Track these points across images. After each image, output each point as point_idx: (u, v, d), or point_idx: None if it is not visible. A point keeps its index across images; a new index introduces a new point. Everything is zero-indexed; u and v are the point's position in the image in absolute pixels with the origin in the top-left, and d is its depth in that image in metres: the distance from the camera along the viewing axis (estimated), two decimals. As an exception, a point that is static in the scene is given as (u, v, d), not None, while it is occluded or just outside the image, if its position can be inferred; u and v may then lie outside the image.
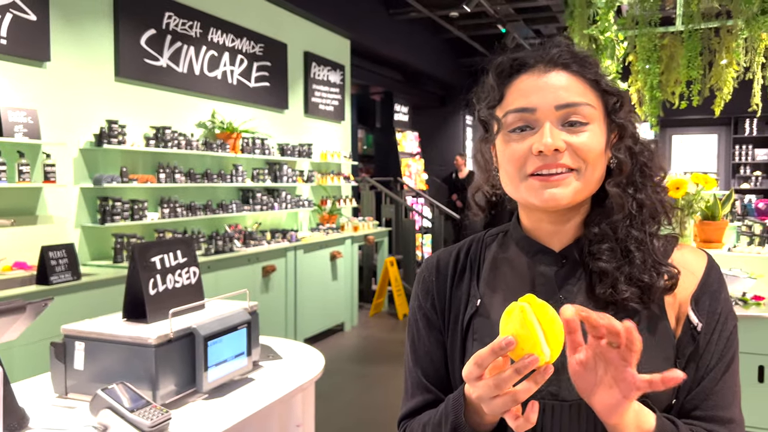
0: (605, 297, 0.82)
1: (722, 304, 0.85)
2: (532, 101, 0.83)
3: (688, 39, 4.34)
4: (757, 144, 10.30)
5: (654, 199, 0.87)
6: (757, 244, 4.16)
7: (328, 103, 6.92)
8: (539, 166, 0.82)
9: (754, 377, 3.28)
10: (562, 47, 0.87)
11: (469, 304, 0.91)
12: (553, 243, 0.90)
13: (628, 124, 0.87)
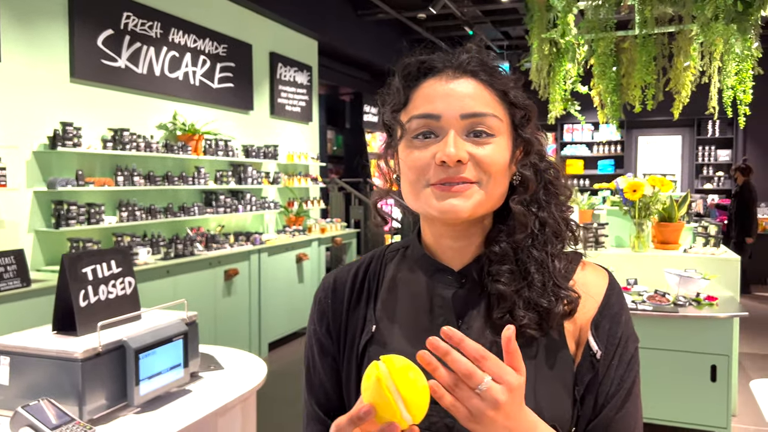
0: (502, 322, 0.77)
1: (622, 328, 0.83)
2: (437, 108, 0.79)
3: (643, 44, 4.40)
4: (720, 145, 10.51)
5: (558, 218, 0.84)
6: (712, 245, 4.23)
7: (294, 104, 6.88)
8: (442, 178, 0.77)
9: (706, 377, 3.34)
10: (473, 54, 0.83)
11: (365, 329, 0.86)
12: (453, 261, 0.85)
13: (534, 140, 0.85)
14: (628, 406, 0.81)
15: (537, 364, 0.78)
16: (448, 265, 0.85)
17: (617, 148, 11.01)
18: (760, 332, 5.91)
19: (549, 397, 0.75)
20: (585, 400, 0.80)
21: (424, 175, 0.78)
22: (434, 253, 0.87)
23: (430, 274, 0.86)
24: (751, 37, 3.87)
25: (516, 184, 0.85)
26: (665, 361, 3.39)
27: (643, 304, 3.43)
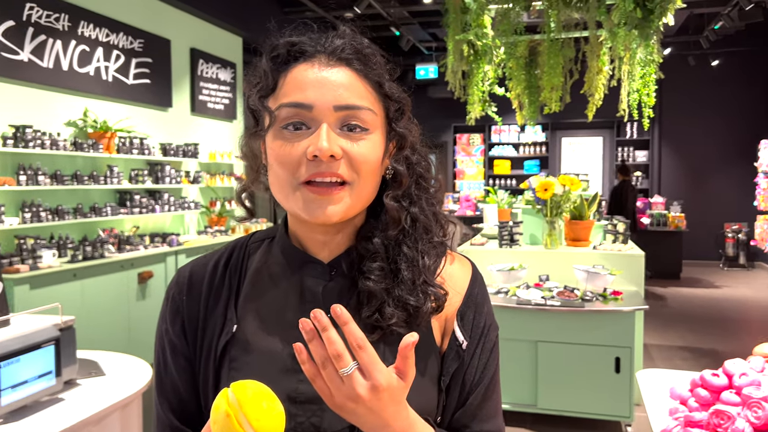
0: (370, 321, 0.77)
1: (485, 317, 0.85)
2: (309, 97, 0.74)
3: (551, 47, 4.54)
4: (638, 146, 11.00)
5: (428, 213, 0.83)
6: (620, 242, 4.41)
7: (217, 101, 6.72)
8: (314, 173, 0.73)
9: (611, 368, 3.47)
10: (347, 39, 0.78)
11: (225, 328, 0.81)
12: (322, 253, 0.82)
13: (408, 134, 0.82)
14: (491, 392, 0.83)
15: None
16: (317, 257, 0.82)
17: (542, 149, 11.34)
18: (669, 324, 6.21)
19: (415, 389, 0.73)
20: (451, 389, 0.81)
21: (294, 173, 0.74)
22: (302, 244, 0.83)
23: (297, 266, 0.82)
24: (653, 43, 4.05)
25: (388, 178, 0.82)
26: (573, 355, 3.50)
27: (552, 300, 3.53)
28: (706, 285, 8.58)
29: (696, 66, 9.71)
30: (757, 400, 1.44)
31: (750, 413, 1.43)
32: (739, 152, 9.95)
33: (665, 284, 8.54)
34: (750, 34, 9.16)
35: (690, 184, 10.54)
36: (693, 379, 1.68)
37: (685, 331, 5.96)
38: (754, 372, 1.59)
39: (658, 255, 8.74)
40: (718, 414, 1.47)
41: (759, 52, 9.82)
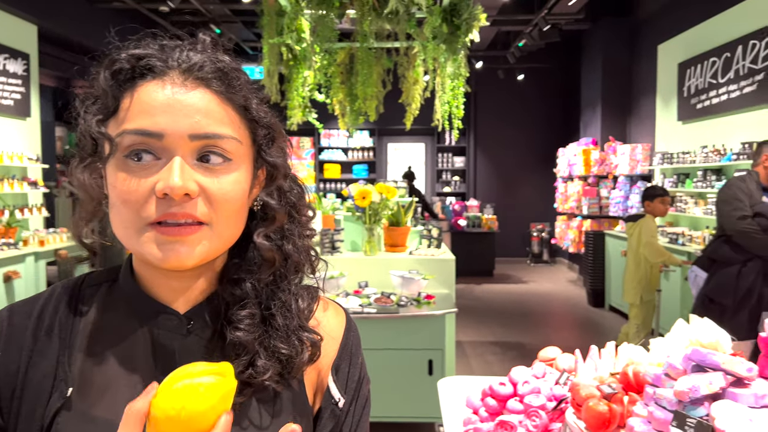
0: (243, 377, 0.67)
1: (359, 369, 0.79)
2: (159, 123, 0.62)
3: (365, 57, 4.62)
4: (456, 152, 11.71)
5: (301, 249, 0.75)
6: (435, 246, 4.60)
7: (6, 96, 5.91)
8: (164, 214, 0.62)
9: (424, 371, 3.59)
10: (207, 55, 0.66)
11: (55, 391, 0.66)
12: (177, 302, 0.70)
13: (281, 162, 0.72)
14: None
15: (272, 421, 0.69)
16: (170, 307, 0.70)
17: (370, 153, 11.60)
18: (482, 320, 6.65)
19: None
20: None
21: (140, 212, 0.63)
22: (152, 291, 0.70)
23: (147, 317, 0.70)
24: (460, 58, 4.27)
25: (256, 210, 0.73)
26: (389, 360, 3.56)
27: (369, 307, 3.56)
28: (515, 281, 9.34)
29: (505, 79, 10.55)
30: (535, 409, 1.51)
31: (530, 422, 1.50)
32: (542, 159, 11.01)
33: (480, 281, 9.16)
34: (549, 52, 10.15)
35: (501, 188, 11.44)
36: (483, 388, 1.74)
37: (496, 327, 6.40)
38: (534, 379, 1.68)
39: (474, 254, 9.36)
40: (502, 424, 1.52)
41: (556, 68, 10.93)
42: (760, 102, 5.41)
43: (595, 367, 1.55)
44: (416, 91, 5.41)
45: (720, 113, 6.06)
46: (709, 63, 6.21)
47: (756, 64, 5.42)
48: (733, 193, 3.39)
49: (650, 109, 7.98)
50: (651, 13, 8.08)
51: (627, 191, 7.87)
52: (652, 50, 7.83)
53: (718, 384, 1.03)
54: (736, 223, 3.31)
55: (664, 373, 1.17)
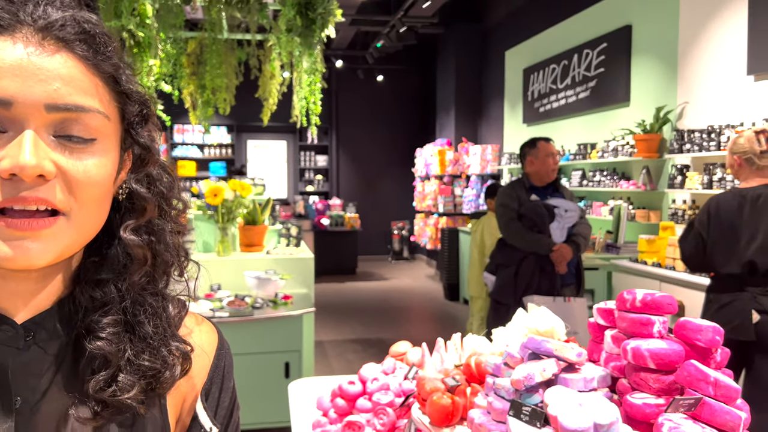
0: (102, 396, 0.57)
1: (231, 393, 0.72)
2: (7, 89, 0.51)
3: (213, 46, 4.42)
4: (318, 151, 11.65)
5: (171, 246, 0.65)
6: (294, 245, 4.49)
7: None
8: (9, 199, 0.52)
9: (280, 373, 3.48)
10: (71, 12, 0.55)
11: None
12: (16, 307, 0.58)
13: (152, 145, 0.63)
14: None
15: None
16: (6, 315, 0.58)
17: (228, 150, 11.19)
18: (343, 319, 6.65)
19: None
20: None
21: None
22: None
23: None
24: (316, 53, 4.20)
25: (121, 200, 0.63)
26: (244, 366, 3.40)
27: (222, 311, 3.38)
28: (377, 278, 9.48)
29: (364, 80, 10.68)
30: (382, 407, 1.48)
31: (377, 421, 1.46)
32: (401, 159, 11.28)
33: (343, 280, 9.17)
34: (407, 54, 10.42)
35: (363, 186, 11.56)
36: (333, 389, 1.69)
37: (356, 324, 6.43)
38: (384, 375, 1.65)
39: (337, 253, 9.35)
40: (350, 425, 1.47)
41: (413, 71, 11.26)
42: (592, 106, 5.92)
43: (441, 360, 1.55)
44: (273, 85, 5.26)
45: (559, 117, 6.56)
46: (550, 69, 6.69)
47: (589, 71, 5.92)
48: (501, 201, 3.67)
49: (499, 112, 8.46)
50: (499, 20, 8.56)
51: (479, 190, 8.28)
52: (500, 56, 8.31)
53: (551, 370, 1.05)
54: (505, 227, 3.58)
55: (504, 362, 1.18)
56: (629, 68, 5.33)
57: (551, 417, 0.98)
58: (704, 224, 2.70)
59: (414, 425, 1.32)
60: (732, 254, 2.63)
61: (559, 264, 3.44)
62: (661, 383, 1.00)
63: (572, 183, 5.96)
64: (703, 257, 2.73)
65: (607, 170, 5.51)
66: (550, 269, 3.46)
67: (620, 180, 5.27)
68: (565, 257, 3.43)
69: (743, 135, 2.72)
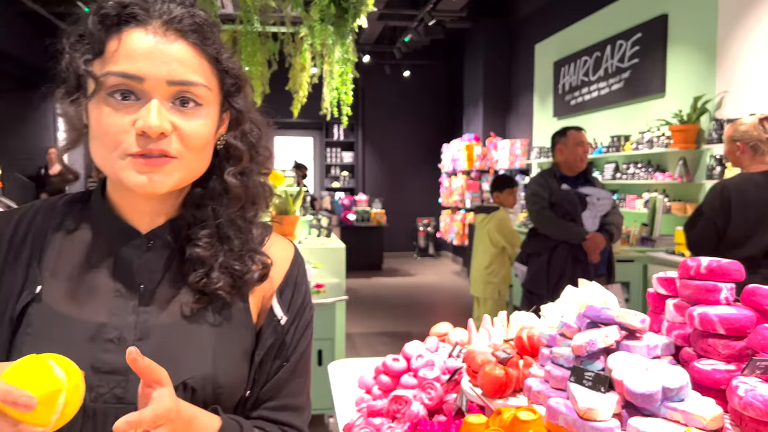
0: (198, 286, 0.78)
1: (303, 296, 0.87)
2: (141, 68, 0.71)
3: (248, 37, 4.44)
4: (345, 147, 11.66)
5: (258, 184, 0.84)
6: (324, 236, 4.50)
7: None
8: (140, 150, 0.71)
9: (314, 361, 3.48)
10: (187, 9, 0.74)
11: (26, 289, 0.76)
12: (141, 222, 0.80)
13: (245, 109, 0.81)
14: (301, 370, 0.86)
15: (218, 330, 0.79)
16: (134, 227, 0.80)
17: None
18: (371, 313, 6.64)
19: (226, 362, 0.78)
20: (263, 363, 0.83)
21: (120, 144, 0.72)
22: (120, 211, 0.80)
23: (112, 234, 0.80)
24: (348, 42, 4.20)
25: (219, 149, 0.82)
26: (277, 352, 3.41)
27: (255, 298, 3.40)
28: (403, 274, 9.46)
29: (391, 75, 10.65)
30: (429, 381, 1.46)
31: (424, 395, 1.44)
32: (428, 154, 11.24)
33: (369, 275, 9.17)
34: (434, 49, 10.38)
35: (389, 183, 11.54)
36: (377, 366, 1.67)
37: (384, 318, 6.41)
38: (428, 353, 1.63)
39: (363, 249, 9.35)
40: (396, 399, 1.46)
41: (440, 65, 11.21)
42: (626, 98, 5.82)
43: (489, 336, 1.52)
44: (304, 78, 5.27)
45: (591, 109, 6.46)
46: (581, 62, 6.60)
47: (623, 62, 5.82)
48: (532, 190, 3.60)
49: (528, 106, 8.37)
50: (528, 14, 8.48)
51: (508, 184, 8.20)
52: (529, 49, 8.22)
53: (613, 337, 1.02)
54: (536, 215, 3.52)
55: (559, 333, 1.15)
56: (665, 58, 5.22)
57: (616, 381, 0.95)
58: (717, 211, 2.70)
59: (465, 397, 1.29)
60: (750, 237, 2.64)
61: (592, 253, 3.38)
62: (731, 349, 0.97)
63: (605, 176, 5.86)
64: (716, 243, 2.72)
65: (641, 162, 5.41)
66: (583, 258, 3.40)
67: (655, 172, 5.17)
68: (599, 246, 3.38)
69: (744, 122, 2.77)
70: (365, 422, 1.48)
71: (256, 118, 0.85)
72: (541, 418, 0.97)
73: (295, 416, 0.86)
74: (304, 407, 0.88)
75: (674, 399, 0.91)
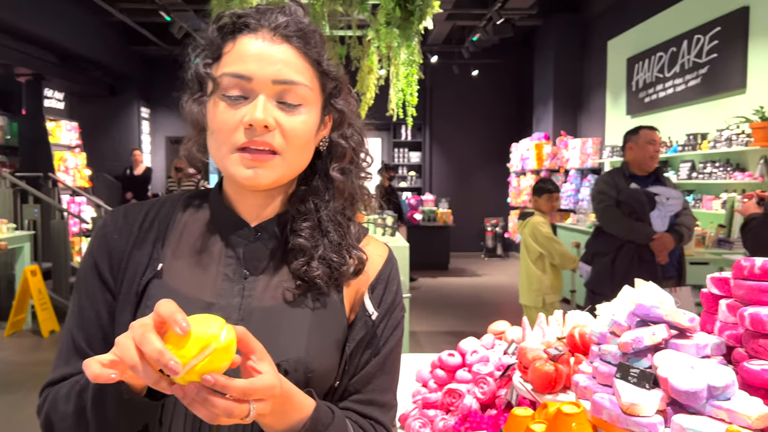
0: (299, 273, 0.84)
1: (394, 295, 0.92)
2: (250, 69, 0.79)
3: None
4: (412, 147, 11.73)
5: (357, 185, 0.90)
6: (389, 234, 4.58)
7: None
8: (247, 142, 0.79)
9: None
10: (292, 16, 0.82)
11: (149, 267, 0.86)
12: (250, 215, 0.88)
13: (347, 110, 0.88)
14: (389, 367, 0.90)
15: (314, 317, 0.84)
16: (245, 220, 0.88)
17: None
18: (437, 312, 6.67)
19: (319, 348, 0.83)
20: (353, 355, 0.87)
21: (230, 138, 0.79)
22: (234, 206, 0.89)
23: (225, 225, 0.88)
24: (414, 44, 4.25)
25: (322, 150, 0.89)
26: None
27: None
28: (469, 274, 9.42)
29: (459, 75, 10.62)
30: (483, 376, 1.49)
31: (477, 389, 1.48)
32: (496, 154, 11.13)
33: (435, 275, 9.19)
34: (503, 47, 10.28)
35: (456, 182, 11.52)
36: (433, 360, 1.72)
37: (449, 317, 6.43)
38: (484, 349, 1.67)
39: (429, 248, 9.38)
40: (450, 393, 1.50)
41: (509, 64, 11.08)
42: (704, 95, 5.58)
43: (543, 333, 1.54)
44: (371, 80, 5.36)
45: (666, 106, 6.24)
46: (656, 58, 6.38)
47: (700, 57, 5.59)
48: (598, 188, 3.50)
49: (600, 104, 8.16)
50: (601, 10, 8.26)
51: (578, 184, 8.03)
52: (602, 46, 8.01)
53: (660, 335, 1.03)
54: (601, 213, 3.42)
55: (610, 331, 1.17)
56: (746, 52, 4.98)
57: (661, 379, 0.96)
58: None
59: (516, 392, 1.33)
60: None
61: (660, 254, 3.28)
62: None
63: (680, 175, 5.65)
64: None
65: (719, 161, 5.18)
66: (649, 259, 3.31)
67: (734, 171, 4.94)
68: (667, 247, 3.27)
69: None
70: (420, 413, 1.54)
71: (357, 123, 0.91)
72: (585, 412, 0.99)
73: (382, 412, 0.89)
74: (390, 405, 0.91)
75: (720, 398, 0.92)
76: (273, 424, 0.74)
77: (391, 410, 0.91)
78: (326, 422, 0.78)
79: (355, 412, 0.87)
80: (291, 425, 0.75)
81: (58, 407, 0.80)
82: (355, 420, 0.86)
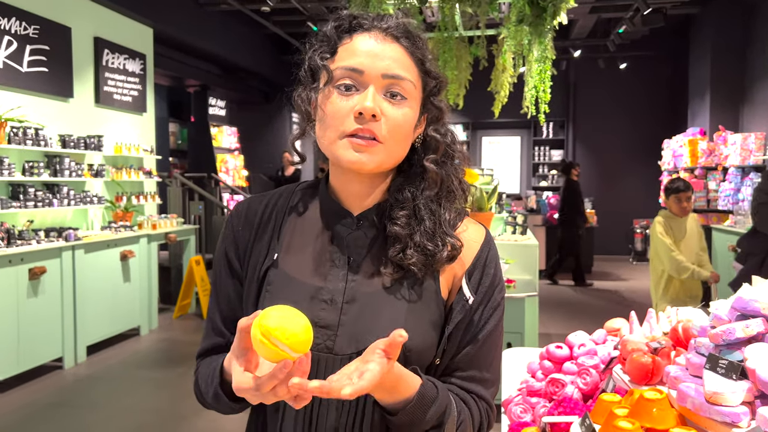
0: (395, 259, 0.90)
1: (492, 278, 0.95)
2: (362, 63, 0.87)
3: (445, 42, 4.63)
4: (553, 146, 11.40)
5: (452, 177, 0.96)
6: (519, 233, 4.55)
7: (125, 93, 6.48)
8: (356, 129, 0.86)
9: (503, 354, 3.57)
10: (400, 21, 0.92)
11: (268, 256, 0.96)
12: (353, 205, 0.95)
13: (444, 107, 0.96)
14: (489, 345, 0.94)
15: (410, 301, 0.90)
16: (348, 209, 0.95)
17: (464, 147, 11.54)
18: (576, 315, 6.46)
19: (415, 329, 0.87)
20: (452, 336, 0.92)
21: (340, 125, 0.87)
22: (338, 196, 0.97)
23: (331, 214, 0.96)
24: (547, 41, 4.20)
25: (417, 146, 0.96)
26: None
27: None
28: (614, 278, 8.98)
29: (605, 69, 10.15)
30: (586, 368, 1.51)
31: (580, 380, 1.50)
32: (646, 151, 10.48)
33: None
34: (653, 38, 9.66)
35: (601, 181, 11.00)
36: (541, 352, 1.75)
37: (587, 321, 6.21)
38: (592, 343, 1.67)
39: (569, 249, 9.05)
40: (554, 382, 1.54)
41: (660, 56, 10.37)
42: None
43: (650, 329, 1.52)
44: (505, 78, 5.35)
45: None
46: (833, 41, 5.67)
47: None
48: (761, 186, 3.23)
49: (765, 95, 7.40)
50: (768, -8, 7.48)
51: (738, 183, 7.34)
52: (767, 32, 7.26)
53: (755, 328, 1.01)
54: (756, 210, 3.10)
55: (710, 325, 1.15)
56: None
57: (749, 370, 0.95)
58: None
59: (613, 382, 1.34)
60: None
61: None
62: None
63: None
64: None
65: None
66: None
67: None
68: None
69: None
70: (523, 399, 1.59)
71: (450, 126, 0.99)
72: (667, 398, 1.00)
73: (482, 388, 0.94)
74: (491, 381, 0.95)
75: (812, 393, 0.89)
76: (384, 398, 0.83)
77: (492, 386, 0.96)
78: (432, 396, 0.85)
79: (457, 386, 0.93)
80: (401, 400, 0.83)
81: (200, 383, 0.97)
82: (457, 393, 0.92)
